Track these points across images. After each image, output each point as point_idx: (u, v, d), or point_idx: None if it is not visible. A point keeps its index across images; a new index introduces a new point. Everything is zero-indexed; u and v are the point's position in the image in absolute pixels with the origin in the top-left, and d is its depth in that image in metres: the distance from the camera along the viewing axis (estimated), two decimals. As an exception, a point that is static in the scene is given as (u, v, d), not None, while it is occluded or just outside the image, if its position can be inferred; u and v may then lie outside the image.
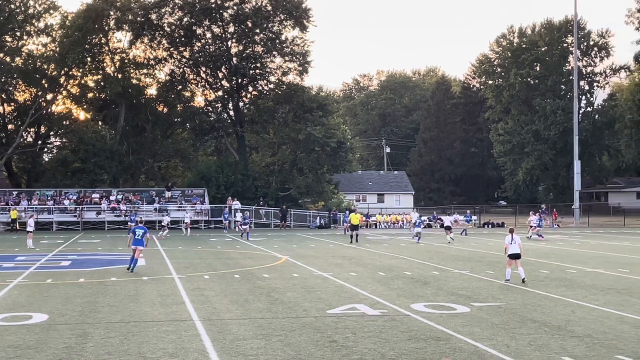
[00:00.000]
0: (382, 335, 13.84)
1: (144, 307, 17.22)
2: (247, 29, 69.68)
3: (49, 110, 71.54)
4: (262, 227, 60.71)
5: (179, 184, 73.13)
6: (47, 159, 76.32)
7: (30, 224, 38.68)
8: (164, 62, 72.39)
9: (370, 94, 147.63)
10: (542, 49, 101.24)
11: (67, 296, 19.06)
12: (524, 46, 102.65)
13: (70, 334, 13.99)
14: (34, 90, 69.18)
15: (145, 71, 73.00)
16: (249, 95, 73.99)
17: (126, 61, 71.39)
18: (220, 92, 73.61)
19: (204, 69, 72.35)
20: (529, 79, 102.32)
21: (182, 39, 70.75)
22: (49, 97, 70.39)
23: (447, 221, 44.75)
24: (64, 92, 71.66)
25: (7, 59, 66.12)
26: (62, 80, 69.60)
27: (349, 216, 47.61)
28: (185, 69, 72.62)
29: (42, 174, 69.30)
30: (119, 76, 69.59)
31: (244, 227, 46.28)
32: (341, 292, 19.84)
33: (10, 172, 72.01)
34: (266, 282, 22.20)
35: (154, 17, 69.00)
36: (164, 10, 69.00)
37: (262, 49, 70.54)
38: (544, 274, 24.50)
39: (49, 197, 61.28)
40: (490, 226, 64.97)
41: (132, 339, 13.47)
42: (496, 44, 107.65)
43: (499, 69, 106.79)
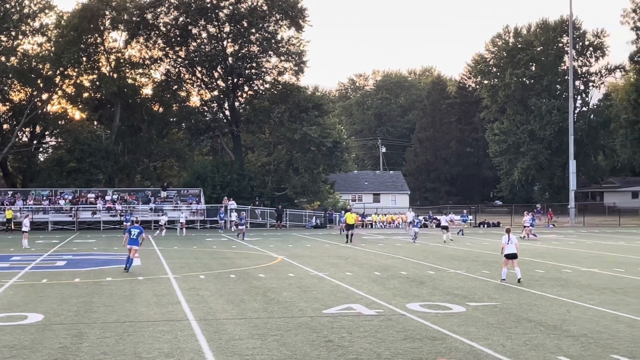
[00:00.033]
0: (378, 335, 13.85)
1: (139, 307, 17.20)
2: (242, 29, 69.64)
3: (45, 110, 71.45)
4: (257, 227, 60.71)
5: (175, 183, 73.08)
6: (42, 159, 76.25)
7: (25, 224, 38.57)
8: (159, 61, 72.37)
9: (366, 94, 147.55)
10: (538, 49, 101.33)
11: (62, 296, 19.03)
12: (520, 46, 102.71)
13: (65, 334, 13.97)
14: (29, 90, 69.07)
15: (140, 71, 72.98)
16: (244, 95, 73.98)
17: (122, 61, 71.32)
18: (215, 92, 73.57)
19: (199, 69, 72.31)
20: (524, 79, 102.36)
21: (178, 39, 70.71)
22: (45, 96, 70.35)
23: (444, 221, 44.98)
24: (60, 92, 71.54)
25: (3, 59, 65.99)
26: (57, 80, 69.53)
27: (344, 216, 47.69)
28: (180, 68, 72.57)
29: (38, 173, 69.21)
30: (115, 76, 69.48)
31: (241, 227, 46.26)
32: (337, 292, 19.83)
33: (5, 172, 71.92)
34: (262, 282, 22.18)
35: (149, 16, 68.95)
36: (159, 10, 68.97)
37: (258, 48, 70.54)
38: (539, 273, 24.53)
39: (45, 197, 61.14)
40: (485, 226, 65.05)
41: (128, 339, 13.45)
42: (492, 44, 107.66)
43: (495, 69, 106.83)
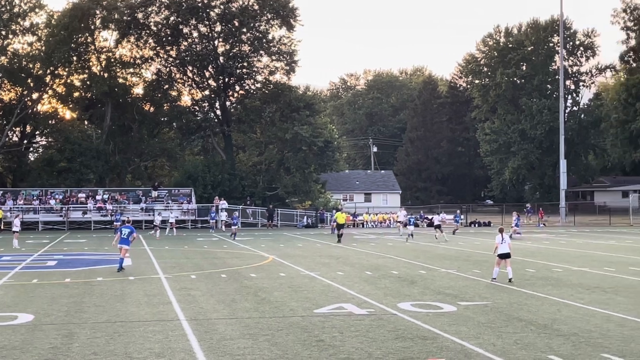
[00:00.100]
0: (369, 334, 13.85)
1: (130, 307, 17.17)
2: (234, 28, 69.56)
3: (35, 109, 71.15)
4: (249, 226, 60.65)
5: (166, 183, 72.90)
6: (32, 159, 75.90)
7: (16, 224, 38.45)
8: (150, 61, 72.17)
9: (357, 93, 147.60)
10: (529, 49, 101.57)
11: (53, 296, 18.97)
12: (511, 46, 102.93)
13: (56, 334, 13.93)
14: (20, 89, 68.79)
15: (131, 70, 72.71)
16: (235, 94, 73.86)
17: (112, 60, 71.07)
18: (207, 92, 73.43)
19: (190, 68, 72.16)
20: (515, 79, 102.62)
21: (169, 38, 70.56)
22: (35, 96, 70.07)
23: (437, 220, 45.29)
24: (50, 92, 71.29)
25: (-7, 58, 65.85)
26: (47, 79, 69.27)
27: (334, 215, 47.75)
28: (171, 68, 72.41)
29: (28, 173, 68.93)
30: (105, 75, 69.25)
31: (234, 227, 46.15)
32: (328, 292, 19.84)
33: (-5, 171, 71.69)
34: (253, 281, 22.16)
35: (140, 16, 68.74)
36: (150, 9, 68.77)
37: (249, 48, 70.46)
38: (530, 272, 24.58)
39: (35, 197, 60.95)
40: (477, 225, 65.14)
41: (119, 339, 13.42)
42: (483, 44, 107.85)
43: (486, 69, 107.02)
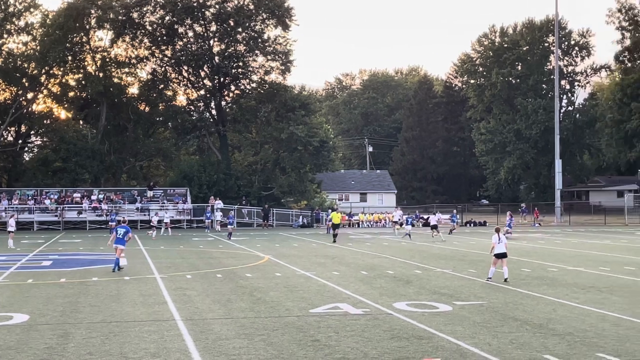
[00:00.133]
0: (365, 334, 13.85)
1: (125, 307, 17.14)
2: (229, 28, 69.53)
3: (30, 109, 71.06)
4: (244, 226, 60.58)
5: (161, 183, 72.78)
6: (27, 159, 75.76)
7: (11, 224, 38.37)
8: (145, 61, 72.18)
9: (352, 93, 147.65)
10: (524, 49, 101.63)
11: (48, 296, 18.93)
12: (506, 45, 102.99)
13: (51, 334, 13.90)
14: (14, 89, 68.68)
15: (126, 70, 72.68)
16: (231, 94, 73.84)
17: (107, 60, 71.00)
18: (202, 91, 73.42)
19: (185, 68, 72.14)
20: (510, 79, 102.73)
21: (164, 38, 70.50)
22: (30, 96, 69.93)
23: (433, 220, 45.41)
24: (45, 91, 71.22)
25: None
26: (42, 79, 69.17)
27: (330, 215, 47.76)
28: (167, 67, 72.38)
29: (23, 173, 68.77)
30: (101, 75, 69.18)
31: (230, 227, 46.09)
32: (324, 292, 19.83)
33: (-10, 171, 71.51)
34: (249, 281, 22.15)
35: (135, 15, 68.70)
36: (145, 8, 68.74)
37: (245, 47, 70.44)
38: (525, 272, 24.60)
39: (30, 197, 60.81)
40: (472, 225, 65.18)
41: (114, 339, 13.40)
42: (478, 44, 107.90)
43: (481, 69, 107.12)
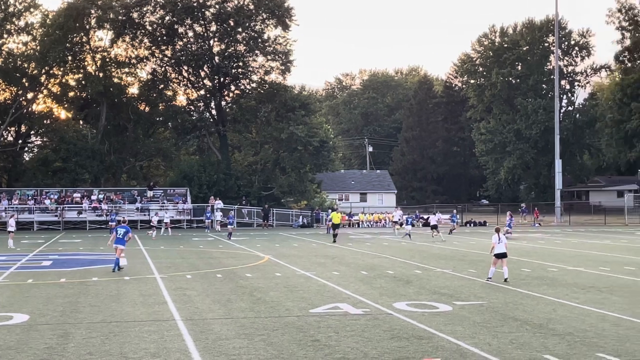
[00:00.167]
0: (365, 334, 13.85)
1: (125, 307, 17.14)
2: (229, 28, 69.52)
3: (30, 109, 71.06)
4: (244, 226, 60.57)
5: (161, 183, 72.77)
6: (27, 159, 75.76)
7: (11, 224, 38.37)
8: (145, 61, 72.18)
9: (352, 93, 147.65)
10: (524, 49, 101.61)
11: (48, 296, 18.93)
12: (506, 45, 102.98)
13: (51, 334, 13.90)
14: (15, 89, 68.68)
15: (126, 70, 72.68)
16: (231, 94, 73.83)
17: (107, 60, 71.00)
18: (202, 91, 73.41)
19: (185, 68, 72.13)
20: (510, 79, 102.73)
21: (164, 38, 70.49)
22: (30, 96, 69.93)
23: (434, 220, 45.48)
24: (45, 91, 71.21)
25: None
26: (42, 79, 69.17)
27: (330, 215, 47.77)
28: (167, 67, 72.37)
29: (23, 173, 68.76)
30: (100, 75, 69.18)
31: (230, 227, 46.07)
32: (324, 292, 19.83)
33: (-10, 171, 71.50)
34: (249, 281, 22.14)
35: (135, 15, 68.70)
36: (145, 8, 68.73)
37: (245, 47, 70.43)
38: (525, 272, 24.60)
39: (30, 197, 60.80)
40: (472, 225, 65.18)
41: (114, 339, 13.40)
42: (478, 44, 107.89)
43: (481, 69, 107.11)
